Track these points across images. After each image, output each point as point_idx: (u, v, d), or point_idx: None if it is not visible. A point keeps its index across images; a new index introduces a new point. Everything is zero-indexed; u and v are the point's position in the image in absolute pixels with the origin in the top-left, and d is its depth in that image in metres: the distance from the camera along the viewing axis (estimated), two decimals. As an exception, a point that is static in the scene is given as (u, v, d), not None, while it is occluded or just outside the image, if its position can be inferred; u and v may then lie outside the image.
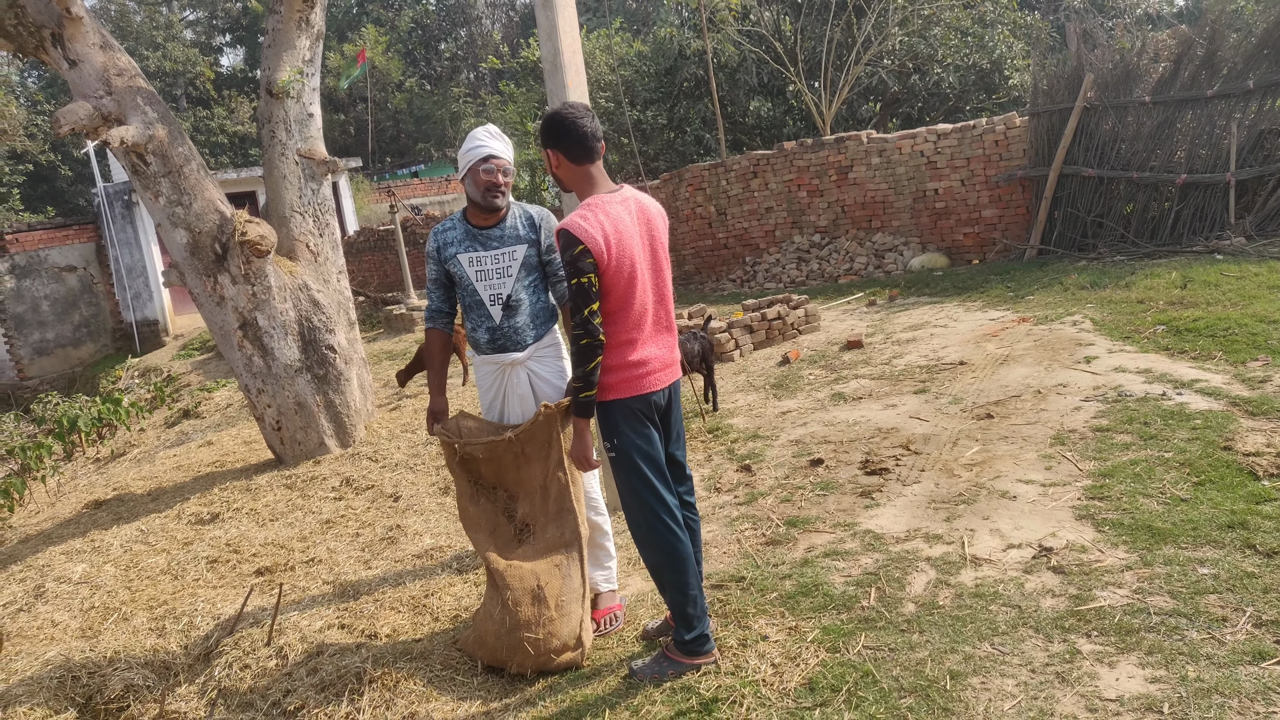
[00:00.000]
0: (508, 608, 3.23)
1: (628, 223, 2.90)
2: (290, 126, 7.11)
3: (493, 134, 3.54)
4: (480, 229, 3.51)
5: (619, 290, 2.88)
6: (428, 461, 6.37)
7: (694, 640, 3.06)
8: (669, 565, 3.03)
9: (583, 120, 2.93)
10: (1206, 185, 9.16)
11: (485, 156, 3.44)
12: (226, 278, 6.54)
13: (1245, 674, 2.59)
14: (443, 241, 3.54)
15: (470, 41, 38.89)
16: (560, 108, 3.00)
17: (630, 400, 2.97)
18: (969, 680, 2.78)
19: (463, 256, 3.49)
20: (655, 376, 3.01)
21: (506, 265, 3.48)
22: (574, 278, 2.80)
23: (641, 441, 3.00)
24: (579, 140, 2.93)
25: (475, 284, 3.48)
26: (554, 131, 2.96)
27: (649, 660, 3.14)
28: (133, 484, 7.45)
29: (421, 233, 18.75)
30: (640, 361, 2.97)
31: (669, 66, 15.58)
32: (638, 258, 2.92)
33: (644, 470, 2.99)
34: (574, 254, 2.78)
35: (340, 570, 4.58)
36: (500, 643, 3.27)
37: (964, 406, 5.46)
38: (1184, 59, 9.39)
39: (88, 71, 6.28)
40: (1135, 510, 3.71)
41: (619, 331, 2.92)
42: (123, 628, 4.25)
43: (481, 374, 3.61)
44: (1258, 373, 5.14)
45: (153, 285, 18.81)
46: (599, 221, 2.82)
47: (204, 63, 35.12)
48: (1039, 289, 8.41)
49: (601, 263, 2.81)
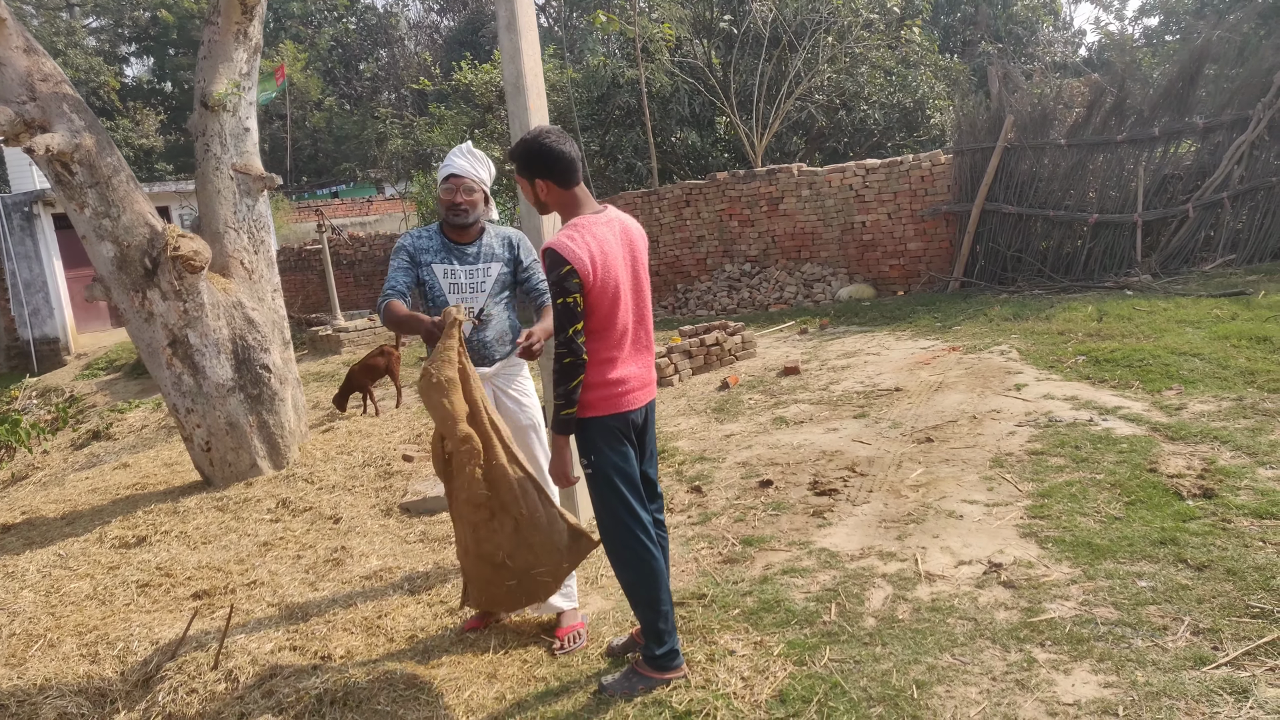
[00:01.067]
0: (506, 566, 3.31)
1: (612, 244, 2.94)
2: (226, 140, 6.95)
3: (461, 152, 3.55)
4: (456, 244, 3.53)
5: (602, 310, 2.91)
6: (366, 484, 6.26)
7: (664, 655, 3.09)
8: (642, 582, 3.05)
9: (564, 145, 2.94)
10: (1116, 224, 9.70)
11: (445, 175, 3.49)
12: (156, 293, 6.33)
13: (1189, 678, 2.74)
14: (420, 246, 3.55)
15: (392, 62, 38.53)
16: (538, 135, 2.96)
17: (608, 418, 2.99)
18: (934, 689, 2.87)
19: (437, 267, 3.50)
20: (634, 395, 3.04)
21: (480, 281, 3.52)
22: (559, 297, 2.81)
23: (619, 459, 3.02)
24: (567, 166, 2.94)
25: (446, 295, 3.50)
26: (538, 160, 2.94)
27: (619, 676, 3.15)
28: (43, 507, 7.09)
29: (345, 254, 18.43)
30: (620, 380, 3.00)
31: (600, 94, 15.74)
32: (621, 278, 2.96)
33: (620, 488, 3.01)
34: (561, 274, 2.80)
35: (285, 592, 4.45)
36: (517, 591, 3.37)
37: (904, 431, 5.63)
38: (1096, 105, 9.96)
39: (10, 75, 6.03)
40: (1074, 528, 3.89)
41: (600, 350, 2.94)
42: (51, 654, 4.04)
43: None
44: (1173, 400, 5.45)
45: (53, 301, 17.96)
46: (585, 242, 2.85)
47: (109, 72, 33.91)
48: (965, 320, 8.75)
49: (587, 283, 2.83)
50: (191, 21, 32.98)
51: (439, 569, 4.54)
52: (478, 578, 3.47)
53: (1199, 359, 6.10)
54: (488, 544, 3.32)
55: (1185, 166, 9.69)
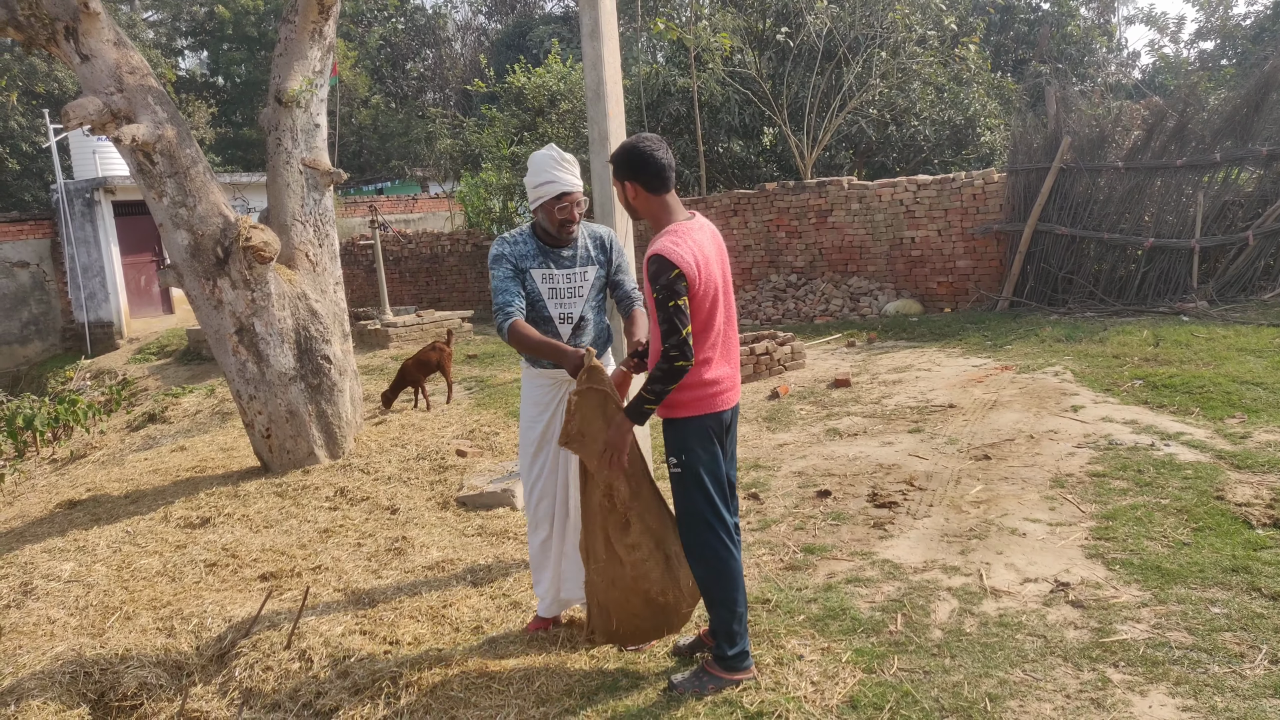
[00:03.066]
0: (652, 599, 3.29)
1: (709, 248, 3.02)
2: (297, 135, 7.11)
3: (559, 163, 3.43)
4: (552, 248, 3.54)
5: (703, 313, 2.98)
6: (420, 476, 6.36)
7: (735, 656, 3.14)
8: (720, 582, 3.11)
9: (659, 152, 3.03)
10: (1172, 249, 9.60)
11: (560, 194, 3.41)
12: (226, 282, 6.49)
13: (1270, 706, 2.74)
14: (518, 253, 3.51)
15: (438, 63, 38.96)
16: (636, 141, 3.05)
17: (704, 418, 3.05)
18: (1007, 703, 2.89)
19: (536, 272, 3.51)
20: (726, 395, 3.11)
21: (578, 285, 3.53)
22: (670, 300, 2.86)
23: (709, 460, 3.08)
24: (657, 172, 3.02)
25: (545, 300, 3.51)
26: (632, 164, 3.03)
27: (689, 675, 3.20)
28: (106, 485, 7.28)
29: (391, 250, 18.66)
30: (714, 380, 3.06)
31: (650, 102, 15.85)
32: (718, 282, 3.04)
33: (709, 488, 3.07)
34: (670, 278, 2.86)
35: (350, 579, 4.55)
36: (661, 625, 3.38)
37: (960, 447, 5.64)
38: (1156, 129, 9.87)
39: (100, 67, 6.23)
40: (1142, 551, 3.88)
41: (698, 351, 2.99)
42: (128, 626, 4.17)
43: (533, 388, 3.63)
44: (1236, 429, 5.41)
45: (109, 286, 18.36)
46: (689, 247, 2.92)
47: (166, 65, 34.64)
48: (1016, 339, 8.71)
49: (693, 287, 2.91)
50: (246, 18, 33.61)
51: (500, 563, 4.62)
52: (623, 611, 3.36)
53: (1262, 388, 6.05)
54: (644, 581, 3.27)
55: (1246, 194, 9.58)
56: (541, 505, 3.70)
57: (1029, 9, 21.87)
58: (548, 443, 3.62)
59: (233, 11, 33.15)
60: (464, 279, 17.65)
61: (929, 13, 14.60)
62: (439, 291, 17.99)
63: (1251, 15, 22.09)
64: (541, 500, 3.69)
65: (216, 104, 34.77)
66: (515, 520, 5.24)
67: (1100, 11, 24.55)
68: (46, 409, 11.59)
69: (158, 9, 38.62)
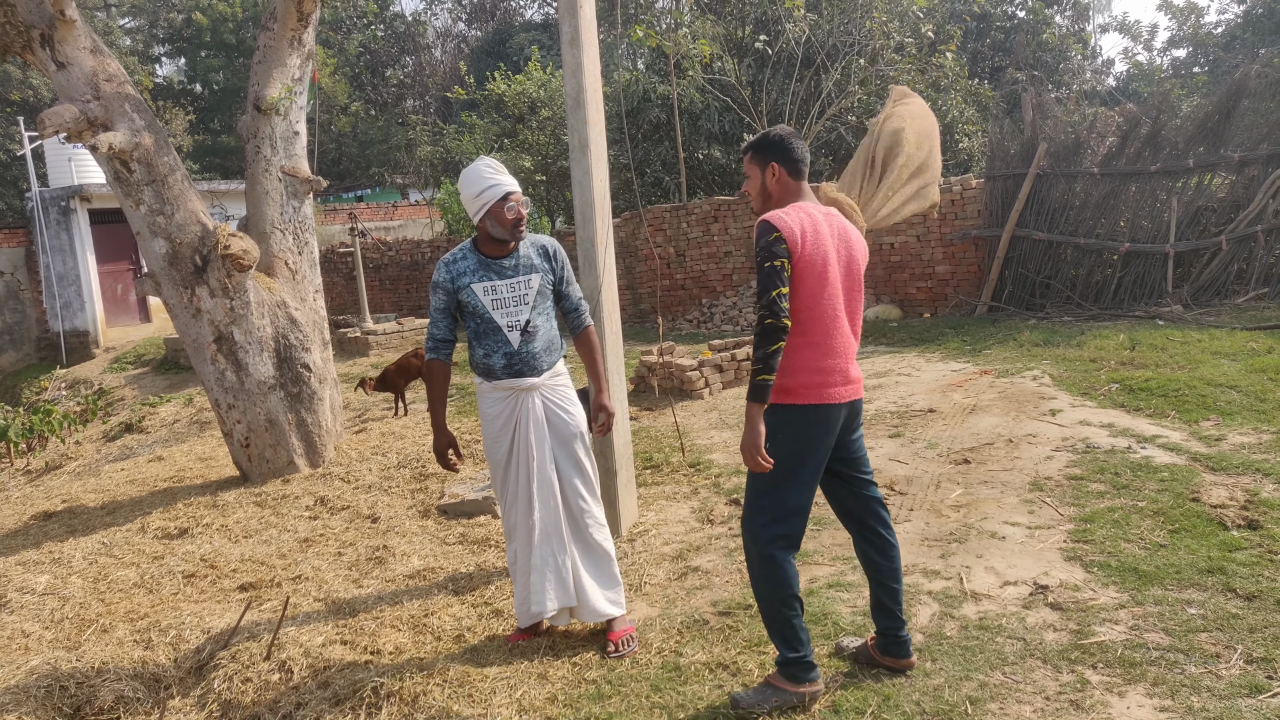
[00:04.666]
0: None
1: (824, 228, 2.96)
2: (276, 143, 7.07)
3: (494, 169, 3.58)
4: (493, 259, 3.59)
5: (809, 284, 2.91)
6: (401, 485, 6.33)
7: (795, 663, 3.00)
8: (769, 584, 2.99)
9: (799, 142, 3.10)
10: (1147, 254, 9.72)
11: (504, 194, 3.51)
12: (205, 290, 6.44)
13: (1245, 705, 2.77)
14: (455, 272, 3.58)
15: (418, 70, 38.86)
16: (779, 129, 3.12)
17: (807, 407, 2.94)
18: (988, 706, 2.91)
19: (476, 286, 3.55)
20: (833, 390, 2.97)
21: (523, 294, 3.57)
22: (766, 261, 2.85)
23: (804, 453, 2.96)
24: (799, 158, 3.08)
25: (491, 312, 3.54)
26: (779, 148, 3.09)
27: (753, 690, 3.07)
28: (82, 496, 7.20)
29: (371, 257, 18.57)
30: (822, 368, 2.95)
31: (631, 108, 15.87)
32: (831, 260, 2.94)
33: (785, 483, 2.94)
34: (769, 240, 2.87)
35: (330, 588, 4.52)
36: None
37: (940, 451, 5.67)
38: (1130, 135, 10.00)
39: (76, 75, 6.18)
40: (1119, 554, 3.92)
41: (805, 331, 2.92)
42: (105, 639, 4.12)
43: (490, 402, 3.64)
44: (1211, 432, 5.48)
45: (85, 294, 18.17)
46: (797, 216, 2.93)
47: (143, 72, 34.35)
48: (994, 344, 8.78)
49: (795, 252, 2.87)
50: (224, 24, 33.41)
51: (481, 571, 4.60)
52: None
53: (1236, 391, 6.12)
54: None
55: (1219, 199, 9.71)
56: (510, 516, 3.71)
57: (1005, 17, 22.09)
58: (515, 459, 3.63)
59: (210, 18, 32.95)
60: (445, 286, 17.56)
61: (906, 20, 14.71)
62: (419, 299, 17.92)
63: (1223, 23, 22.43)
64: (510, 510, 3.70)
65: (194, 111, 34.56)
66: (496, 528, 5.22)
67: (1075, 19, 24.84)
68: (21, 419, 11.46)
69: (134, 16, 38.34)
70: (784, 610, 3.00)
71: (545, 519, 3.63)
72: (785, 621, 3.01)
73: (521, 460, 3.62)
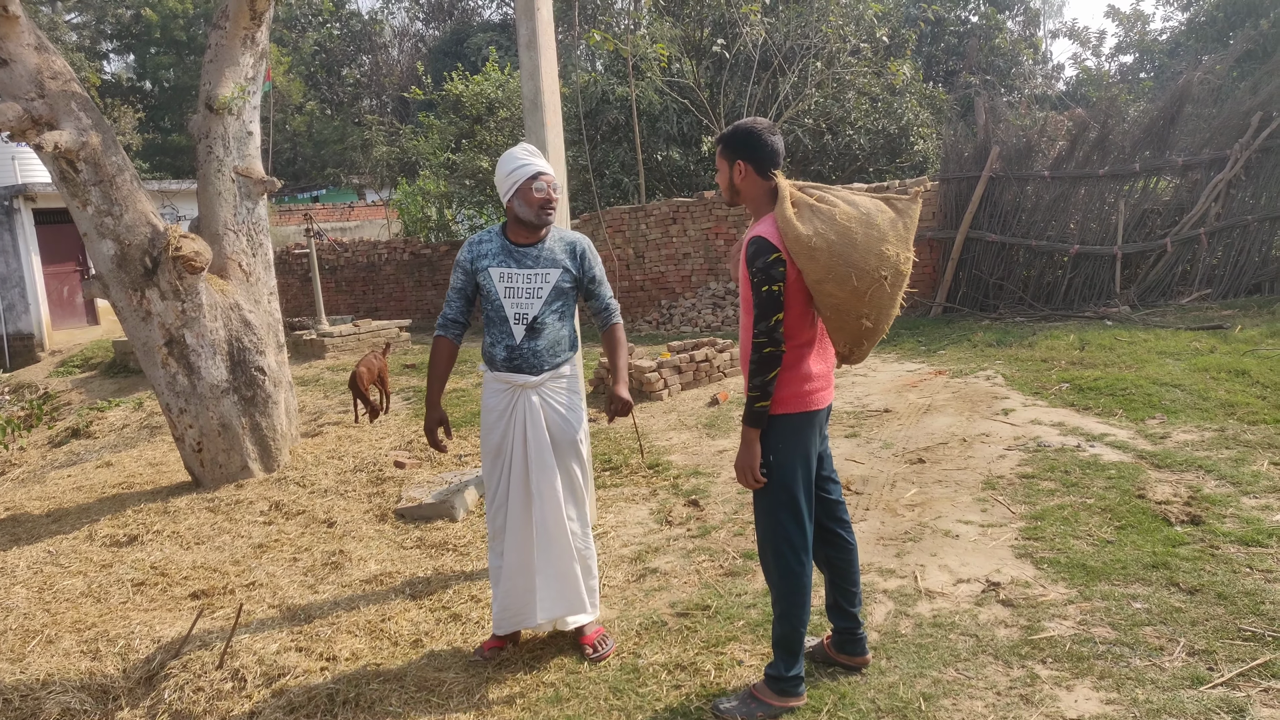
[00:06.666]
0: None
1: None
2: (229, 143, 6.95)
3: (529, 152, 3.49)
4: (518, 246, 3.48)
5: (800, 300, 2.89)
6: (358, 489, 6.26)
7: (791, 680, 3.01)
8: (788, 594, 3.00)
9: (773, 136, 2.96)
10: (1096, 256, 9.93)
11: (535, 174, 3.39)
12: (155, 293, 6.32)
13: (1188, 697, 2.85)
14: (478, 253, 3.49)
15: (374, 69, 38.49)
16: (751, 122, 2.99)
17: (797, 416, 2.95)
18: (940, 702, 2.96)
19: (494, 270, 3.44)
20: (821, 394, 3.00)
21: (537, 286, 3.44)
22: (765, 285, 2.80)
23: (799, 461, 2.97)
24: (771, 154, 2.95)
25: (502, 300, 3.44)
26: (746, 143, 2.96)
27: (736, 700, 3.05)
28: (26, 504, 7.02)
29: (328, 259, 18.35)
30: (809, 376, 2.96)
31: (589, 110, 15.87)
32: None
33: (794, 492, 2.96)
34: (768, 261, 2.80)
35: (285, 594, 4.46)
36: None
37: (895, 451, 5.75)
38: (1079, 139, 10.22)
39: (19, 72, 6.02)
40: (1068, 550, 4.00)
41: (792, 345, 2.91)
42: (50, 650, 4.03)
43: (490, 393, 3.55)
44: (1157, 429, 5.61)
45: (29, 296, 17.73)
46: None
47: (90, 69, 33.58)
48: (949, 344, 8.91)
49: (790, 274, 2.83)
50: (175, 21, 32.80)
51: (439, 575, 4.57)
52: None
53: (1180, 389, 6.28)
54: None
55: (1164, 202, 9.97)
56: (498, 517, 3.57)
57: (959, 22, 22.45)
58: (505, 452, 3.52)
59: (160, 15, 32.32)
60: (401, 288, 17.43)
61: (863, 25, 14.89)
62: (376, 300, 17.75)
63: (1168, 31, 23.01)
64: (498, 512, 3.57)
65: (144, 109, 33.84)
66: (454, 532, 5.19)
67: (1026, 25, 25.33)
68: (-41, 426, 11.13)
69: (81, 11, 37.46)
70: (801, 630, 3.01)
71: (542, 525, 3.50)
72: (800, 640, 3.02)
73: (516, 459, 3.49)
